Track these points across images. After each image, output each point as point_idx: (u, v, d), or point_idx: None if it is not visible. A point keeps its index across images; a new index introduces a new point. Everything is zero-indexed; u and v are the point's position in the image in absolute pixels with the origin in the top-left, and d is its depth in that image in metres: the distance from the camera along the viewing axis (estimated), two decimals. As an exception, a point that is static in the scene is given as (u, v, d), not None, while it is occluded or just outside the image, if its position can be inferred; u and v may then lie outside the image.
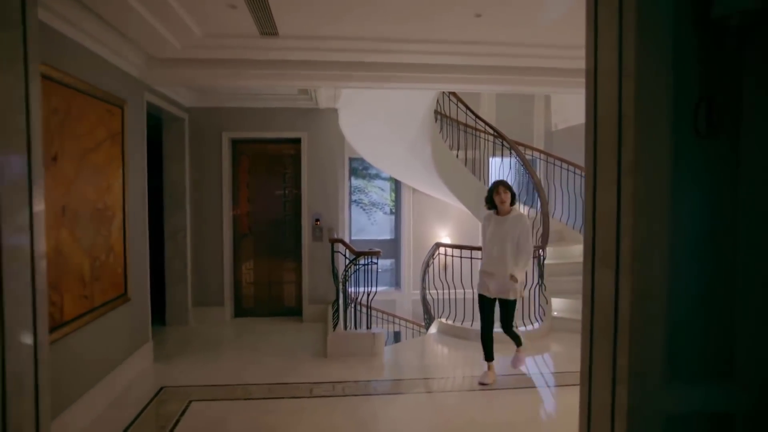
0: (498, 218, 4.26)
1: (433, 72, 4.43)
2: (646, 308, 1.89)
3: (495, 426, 3.64)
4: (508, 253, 4.15)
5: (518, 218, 4.22)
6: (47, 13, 2.99)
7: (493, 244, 4.22)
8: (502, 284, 4.18)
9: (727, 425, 1.94)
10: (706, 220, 1.92)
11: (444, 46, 4.11)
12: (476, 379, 4.34)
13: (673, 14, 1.83)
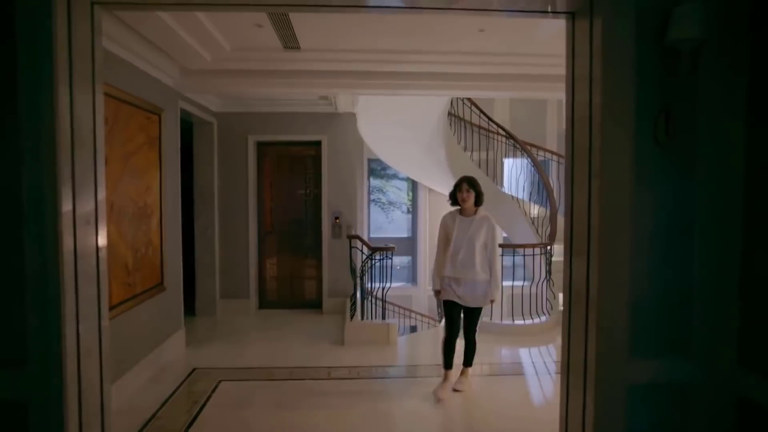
0: (462, 218, 3.97)
1: (443, 80, 4.76)
2: (611, 291, 2.22)
3: (496, 408, 3.96)
4: (477, 258, 3.88)
5: (483, 220, 3.94)
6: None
7: (459, 247, 3.92)
8: (471, 291, 3.92)
9: (683, 394, 2.24)
10: (666, 216, 2.23)
11: (452, 57, 4.44)
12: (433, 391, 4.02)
13: (634, 38, 2.15)
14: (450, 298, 3.99)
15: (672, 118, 2.18)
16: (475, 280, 3.90)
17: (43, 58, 2.01)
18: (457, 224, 3.95)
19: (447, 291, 4.00)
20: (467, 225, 3.92)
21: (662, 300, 2.25)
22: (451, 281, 3.98)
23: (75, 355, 2.17)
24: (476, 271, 3.89)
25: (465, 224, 3.93)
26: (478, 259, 3.89)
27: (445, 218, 4.11)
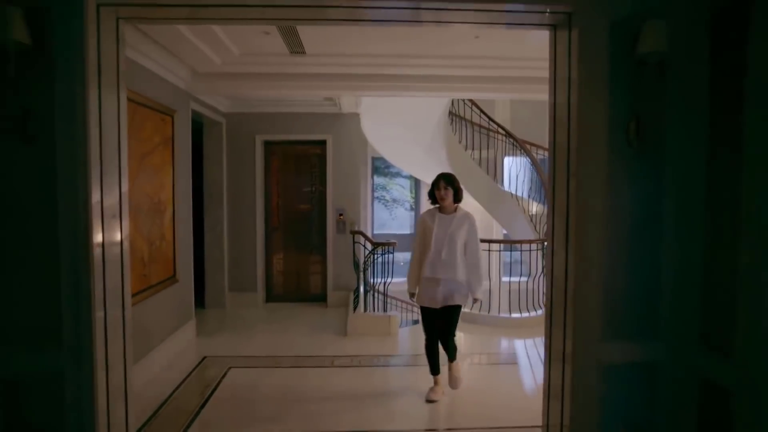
0: (442, 216, 3.82)
1: (441, 82, 4.98)
2: (587, 281, 2.45)
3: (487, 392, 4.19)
4: (458, 256, 3.76)
5: (465, 218, 3.82)
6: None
7: (440, 246, 3.75)
8: (450, 290, 3.77)
9: (651, 372, 2.47)
10: (637, 213, 2.47)
11: (449, 60, 4.66)
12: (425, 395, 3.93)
13: (608, 50, 2.37)
14: (426, 305, 3.84)
15: (642, 123, 2.40)
16: (455, 279, 3.74)
17: (76, 66, 2.26)
18: (437, 222, 3.78)
19: (421, 296, 3.87)
20: (448, 223, 3.77)
21: (633, 288, 2.48)
22: (427, 283, 3.80)
23: (103, 336, 2.43)
24: (457, 271, 3.74)
25: (445, 222, 3.78)
26: (460, 257, 3.76)
27: (424, 216, 3.94)
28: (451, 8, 2.47)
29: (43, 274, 2.30)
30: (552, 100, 2.68)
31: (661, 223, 2.45)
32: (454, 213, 3.82)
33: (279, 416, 3.64)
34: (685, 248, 2.41)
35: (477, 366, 4.89)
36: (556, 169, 2.62)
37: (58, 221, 2.29)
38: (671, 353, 2.45)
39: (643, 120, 2.40)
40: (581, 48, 2.40)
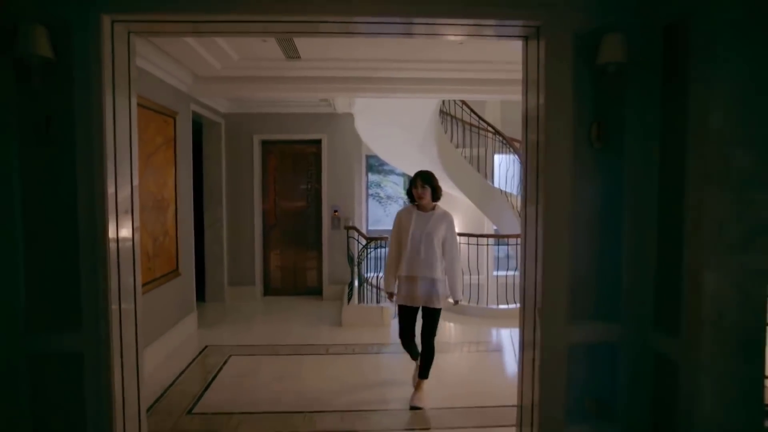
0: (420, 214, 3.77)
1: (428, 84, 5.24)
2: (553, 269, 2.71)
3: (472, 376, 4.47)
4: (437, 255, 3.71)
5: (443, 216, 3.79)
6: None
7: (419, 244, 3.71)
8: (427, 290, 3.71)
9: (613, 353, 2.73)
10: (599, 206, 2.74)
11: (437, 64, 4.92)
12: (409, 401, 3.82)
13: (571, 60, 2.63)
14: (404, 303, 3.79)
15: (604, 125, 2.67)
16: (434, 278, 3.70)
17: (93, 75, 2.52)
18: (415, 219, 3.74)
19: (400, 295, 3.80)
20: (425, 220, 3.73)
21: (595, 276, 2.75)
22: (405, 282, 3.75)
23: (117, 320, 2.69)
24: (435, 269, 3.70)
25: (423, 219, 3.73)
26: (438, 256, 3.72)
27: (400, 214, 3.87)
28: (438, 23, 2.74)
29: (64, 265, 2.56)
30: (524, 102, 2.95)
31: (620, 216, 2.72)
32: (432, 211, 3.77)
33: (277, 399, 3.90)
34: (641, 239, 2.68)
35: (466, 354, 5.17)
36: (528, 164, 2.89)
37: (78, 216, 2.55)
38: (629, 334, 2.72)
39: (604, 122, 2.67)
40: (548, 57, 2.67)
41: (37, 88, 2.43)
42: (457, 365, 4.79)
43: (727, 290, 2.25)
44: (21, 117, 2.49)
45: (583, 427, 2.76)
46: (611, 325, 2.75)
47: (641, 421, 2.70)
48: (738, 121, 2.19)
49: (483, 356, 5.13)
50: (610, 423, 2.76)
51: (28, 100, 2.48)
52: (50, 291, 2.57)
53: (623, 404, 2.75)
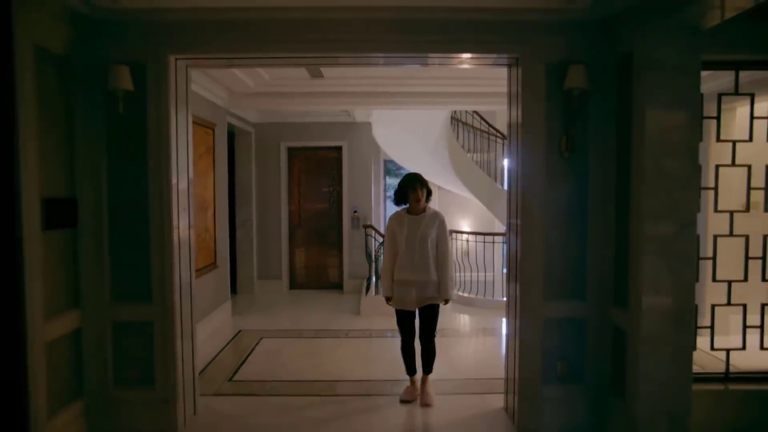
0: (411, 218, 3.77)
1: (440, 97, 5.86)
2: (530, 256, 3.31)
3: (473, 355, 5.06)
4: (431, 257, 3.75)
5: (434, 216, 3.78)
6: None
7: (413, 248, 3.72)
8: (423, 290, 3.75)
9: (580, 325, 3.30)
10: (568, 205, 3.34)
11: (447, 80, 5.53)
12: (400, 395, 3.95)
13: (544, 84, 3.24)
14: (401, 307, 3.83)
15: (571, 137, 3.26)
16: (429, 280, 3.75)
17: (161, 99, 3.21)
18: (407, 224, 3.75)
19: (396, 299, 3.83)
20: (418, 223, 3.74)
21: (566, 262, 3.33)
22: (403, 286, 3.77)
23: (179, 296, 3.37)
24: (430, 271, 3.75)
25: (415, 223, 3.75)
26: (431, 258, 3.76)
27: (392, 220, 3.87)
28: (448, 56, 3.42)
29: (138, 251, 3.26)
30: (508, 115, 3.56)
31: (585, 213, 3.31)
32: (423, 213, 3.78)
33: (303, 370, 4.56)
34: (602, 232, 3.26)
35: (473, 339, 5.76)
36: (511, 171, 3.50)
37: (149, 213, 3.25)
38: (593, 310, 3.30)
39: (571, 135, 3.26)
40: (525, 82, 3.28)
41: (121, 113, 3.14)
42: (464, 347, 5.39)
43: (661, 272, 2.82)
44: (108, 136, 3.20)
45: (555, 387, 3.35)
46: (579, 303, 3.33)
47: (602, 381, 3.28)
48: (667, 137, 2.77)
49: (487, 340, 5.70)
50: (577, 383, 3.35)
51: (114, 123, 3.19)
52: (129, 272, 3.27)
53: (588, 367, 3.33)
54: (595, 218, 3.29)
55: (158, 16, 3.11)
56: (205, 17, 3.14)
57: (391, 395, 4.02)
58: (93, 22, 3.08)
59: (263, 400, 3.96)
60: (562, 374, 3.36)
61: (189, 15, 3.12)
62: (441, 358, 4.55)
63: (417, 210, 3.79)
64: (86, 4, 2.94)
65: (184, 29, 3.18)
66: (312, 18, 3.15)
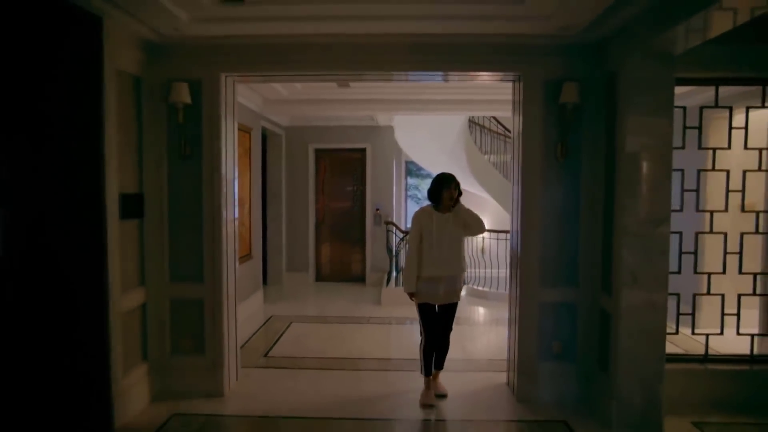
0: (439, 215, 3.81)
1: (457, 104, 6.34)
2: (529, 250, 3.79)
3: (482, 339, 5.54)
4: (460, 253, 3.85)
5: (457, 209, 3.80)
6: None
7: (441, 245, 3.78)
8: (452, 286, 3.83)
9: (573, 309, 3.77)
10: (562, 203, 3.81)
11: (463, 88, 6.00)
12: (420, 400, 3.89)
13: (542, 98, 3.72)
14: (427, 301, 3.85)
15: (565, 145, 3.72)
16: (458, 275, 3.85)
17: (214, 110, 3.79)
18: (436, 221, 3.79)
19: (422, 293, 3.84)
20: (446, 220, 3.79)
21: (560, 254, 3.80)
22: (428, 281, 3.81)
23: (225, 278, 3.95)
24: (460, 266, 3.85)
25: (443, 220, 3.79)
26: (460, 253, 3.86)
27: (420, 216, 3.88)
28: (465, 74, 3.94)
29: (193, 238, 3.85)
30: (514, 124, 4.04)
31: (578, 210, 3.77)
32: (455, 212, 3.81)
33: (327, 350, 5.11)
34: (592, 227, 3.72)
35: (486, 326, 6.23)
36: (515, 172, 3.98)
37: (202, 206, 3.83)
38: (583, 295, 3.76)
39: (566, 142, 3.73)
40: (525, 96, 3.76)
41: (180, 123, 3.73)
42: (476, 334, 5.86)
43: (638, 262, 3.28)
44: (168, 141, 3.80)
45: (550, 363, 3.82)
46: (571, 288, 3.80)
47: (590, 357, 3.74)
48: (645, 145, 3.22)
49: (498, 329, 6.13)
50: (569, 360, 3.81)
51: (173, 130, 3.78)
52: (184, 256, 3.86)
53: (578, 346, 3.79)
54: (586, 215, 3.75)
55: (212, 42, 3.69)
56: (251, 42, 3.70)
57: (405, 371, 4.53)
58: (159, 47, 3.68)
59: (294, 372, 4.53)
60: (557, 352, 3.83)
61: (237, 40, 3.69)
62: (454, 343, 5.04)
63: (446, 208, 3.81)
64: (155, 33, 3.54)
65: (234, 52, 3.75)
66: (342, 42, 3.68)
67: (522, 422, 3.57)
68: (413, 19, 3.35)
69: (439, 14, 3.28)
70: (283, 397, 3.96)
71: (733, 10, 2.46)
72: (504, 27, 3.47)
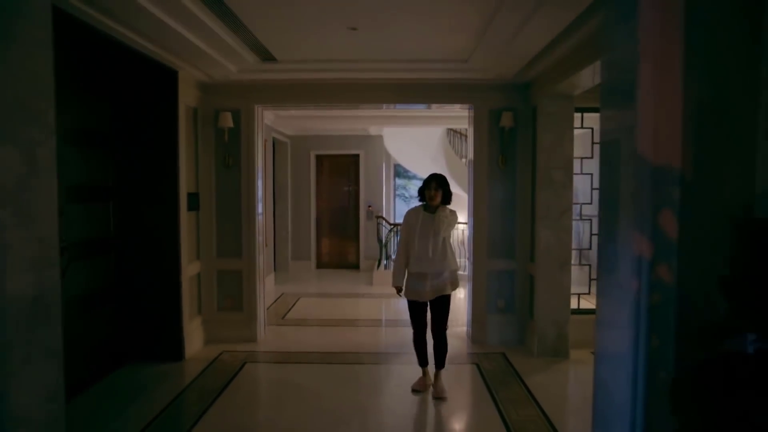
0: (426, 215, 3.96)
1: (433, 119, 7.78)
2: (479, 232, 5.24)
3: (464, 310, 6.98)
4: (447, 250, 3.96)
5: (444, 211, 3.95)
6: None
7: (426, 243, 3.90)
8: (437, 280, 3.92)
9: (511, 275, 5.21)
10: (502, 197, 5.21)
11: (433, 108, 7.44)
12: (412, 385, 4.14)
13: (488, 122, 5.18)
14: (413, 298, 3.98)
15: (505, 157, 5.16)
16: (443, 273, 3.92)
17: (249, 131, 5.19)
18: (422, 219, 3.94)
19: (409, 291, 3.99)
20: (431, 220, 3.92)
21: (501, 235, 5.23)
22: (414, 278, 3.95)
23: (257, 255, 5.35)
24: (444, 264, 3.92)
25: (429, 219, 3.93)
26: (447, 251, 3.95)
27: (409, 214, 4.08)
28: (429, 104, 5.34)
29: (234, 227, 5.25)
30: (469, 141, 5.47)
31: (514, 204, 5.21)
32: (438, 211, 3.93)
33: (330, 315, 6.53)
34: (523, 216, 5.17)
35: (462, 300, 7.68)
36: (469, 176, 5.42)
37: (240, 203, 5.23)
38: (518, 264, 5.20)
39: (505, 155, 5.16)
40: (476, 120, 5.19)
41: (225, 142, 5.13)
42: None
43: (550, 239, 4.72)
44: (216, 155, 5.20)
45: (496, 315, 5.25)
46: (510, 260, 5.24)
47: (523, 309, 5.19)
48: (554, 157, 4.67)
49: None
50: (509, 312, 5.26)
51: (220, 146, 5.18)
52: (227, 238, 5.26)
53: (516, 302, 5.24)
54: (519, 207, 5.20)
55: (249, 82, 5.08)
56: (277, 83, 5.10)
57: (391, 327, 5.96)
58: (210, 87, 5.08)
59: (305, 328, 5.96)
60: (500, 307, 5.27)
61: (267, 82, 5.09)
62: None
63: (432, 207, 3.96)
64: (209, 78, 4.94)
65: (264, 89, 5.15)
66: (346, 84, 5.10)
67: (473, 354, 5.00)
68: (396, 71, 4.79)
69: (413, 68, 4.72)
70: (298, 342, 5.40)
71: (593, 73, 3.90)
72: (459, 74, 4.90)
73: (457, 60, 4.58)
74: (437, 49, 4.33)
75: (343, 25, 3.67)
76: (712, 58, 1.20)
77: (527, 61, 4.38)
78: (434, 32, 3.89)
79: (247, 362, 4.75)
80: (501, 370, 4.56)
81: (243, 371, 4.53)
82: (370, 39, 4.02)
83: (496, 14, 3.33)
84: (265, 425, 3.61)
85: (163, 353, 4.60)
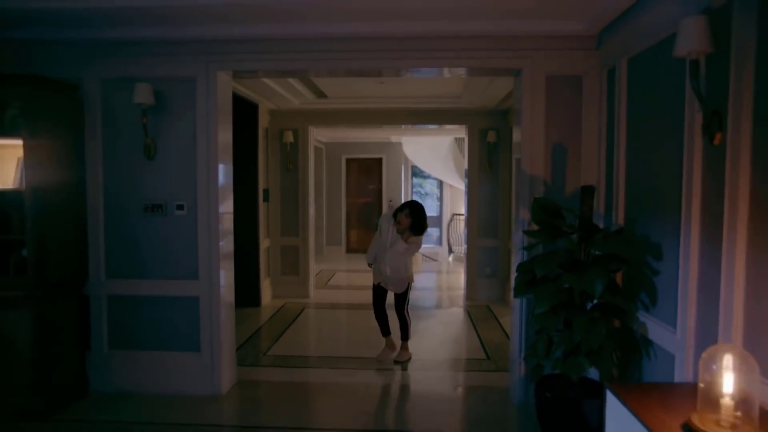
0: (394, 229, 4.62)
1: (443, 131, 9.67)
2: (471, 220, 7.12)
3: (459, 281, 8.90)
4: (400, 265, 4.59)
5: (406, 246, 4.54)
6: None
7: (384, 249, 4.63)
8: (393, 283, 4.68)
9: (496, 250, 7.12)
10: (489, 193, 7.17)
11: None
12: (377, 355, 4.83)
13: (478, 139, 7.12)
14: (375, 282, 4.81)
15: (490, 162, 7.03)
16: (396, 276, 4.64)
17: (305, 145, 7.18)
18: (391, 231, 4.63)
19: (375, 274, 4.81)
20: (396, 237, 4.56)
21: (488, 221, 7.11)
22: (378, 268, 4.74)
23: (309, 233, 7.34)
24: (397, 270, 4.60)
25: (395, 236, 4.58)
26: (398, 265, 4.59)
27: (383, 219, 4.84)
28: (434, 126, 7.26)
29: (293, 214, 7.25)
30: (465, 153, 7.36)
31: (498, 197, 7.08)
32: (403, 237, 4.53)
33: (360, 283, 8.47)
34: (504, 206, 7.05)
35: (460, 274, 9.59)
36: (466, 178, 7.32)
37: (299, 200, 7.22)
38: (501, 242, 7.08)
39: (491, 162, 7.05)
40: (470, 136, 7.09)
41: (288, 152, 7.12)
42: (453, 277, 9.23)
43: (521, 222, 6.59)
44: (281, 162, 7.20)
45: (484, 280, 7.14)
46: (494, 239, 7.12)
47: (503, 275, 7.07)
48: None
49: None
50: (493, 278, 7.14)
51: (283, 155, 7.17)
52: (288, 221, 7.26)
53: (499, 269, 7.12)
54: (501, 199, 7.07)
55: (305, 109, 7.05)
56: (325, 110, 7.06)
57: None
58: (277, 112, 7.07)
59: (343, 291, 8.00)
60: (487, 274, 7.15)
61: (318, 110, 7.05)
62: (445, 281, 8.42)
63: (399, 228, 4.55)
64: (278, 107, 6.93)
65: (315, 114, 7.12)
66: (374, 111, 7.05)
67: (467, 305, 6.91)
68: (410, 103, 6.74)
69: (422, 102, 6.66)
70: (337, 298, 7.44)
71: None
72: (455, 105, 6.80)
73: (452, 96, 6.49)
74: (437, 92, 6.25)
75: (375, 81, 5.62)
76: (563, 128, 3.14)
77: (499, 99, 6.27)
78: (434, 84, 5.81)
79: (305, 308, 6.75)
80: (483, 315, 6.47)
81: (303, 314, 6.53)
82: (392, 86, 5.96)
83: (469, 83, 5.25)
84: (319, 338, 5.67)
85: (246, 301, 6.61)
